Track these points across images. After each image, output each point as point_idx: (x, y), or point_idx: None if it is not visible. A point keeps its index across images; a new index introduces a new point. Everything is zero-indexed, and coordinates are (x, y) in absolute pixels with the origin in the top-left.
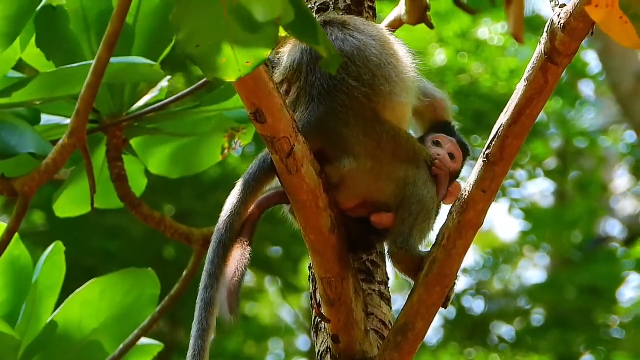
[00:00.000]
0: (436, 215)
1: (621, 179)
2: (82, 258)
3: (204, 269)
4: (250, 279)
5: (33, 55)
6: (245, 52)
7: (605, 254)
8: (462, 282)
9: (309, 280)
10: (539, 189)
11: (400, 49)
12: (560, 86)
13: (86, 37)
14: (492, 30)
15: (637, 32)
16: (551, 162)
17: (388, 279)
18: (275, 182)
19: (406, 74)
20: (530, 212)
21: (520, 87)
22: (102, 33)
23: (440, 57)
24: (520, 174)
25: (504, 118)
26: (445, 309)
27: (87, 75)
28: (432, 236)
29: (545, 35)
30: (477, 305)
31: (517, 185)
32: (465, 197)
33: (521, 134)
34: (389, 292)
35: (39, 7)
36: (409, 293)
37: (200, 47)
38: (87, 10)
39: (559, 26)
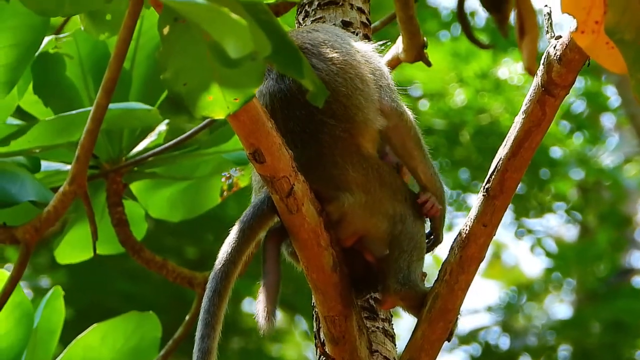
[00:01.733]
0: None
1: None
2: (104, 300)
3: (200, 317)
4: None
5: (31, 102)
6: (232, 89)
7: (630, 289)
8: (487, 319)
9: (313, 319)
10: (562, 222)
11: (360, 58)
12: (580, 121)
13: (83, 83)
14: (511, 70)
15: (623, 57)
16: (573, 194)
17: (391, 315)
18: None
19: (373, 92)
20: (553, 250)
21: (518, 120)
22: (99, 78)
23: (460, 97)
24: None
25: (502, 151)
26: (449, 342)
27: (86, 122)
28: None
29: (541, 67)
30: (502, 342)
31: (540, 215)
32: (467, 231)
33: (520, 167)
34: (393, 328)
35: (35, 55)
36: (413, 329)
37: (187, 85)
38: (84, 56)
39: (555, 58)
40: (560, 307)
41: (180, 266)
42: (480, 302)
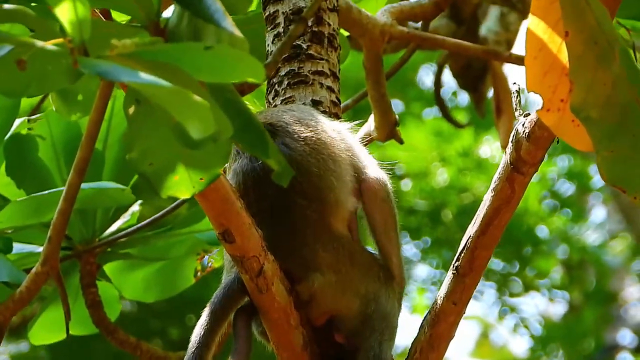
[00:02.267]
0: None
1: (631, 288)
2: None
3: None
4: None
5: (3, 184)
6: (198, 169)
7: None
8: None
9: None
10: (547, 300)
11: (335, 136)
12: (563, 200)
13: (56, 164)
14: (493, 148)
15: (589, 135)
16: (557, 272)
17: None
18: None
19: (345, 173)
20: (538, 329)
21: (487, 198)
22: (72, 160)
23: (442, 176)
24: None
25: (472, 229)
26: None
27: (58, 202)
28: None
29: (510, 144)
30: None
31: (523, 294)
32: (436, 309)
33: (490, 244)
34: None
35: (7, 136)
36: None
37: (153, 165)
38: (56, 137)
39: (524, 135)
40: None
41: (165, 349)
42: None
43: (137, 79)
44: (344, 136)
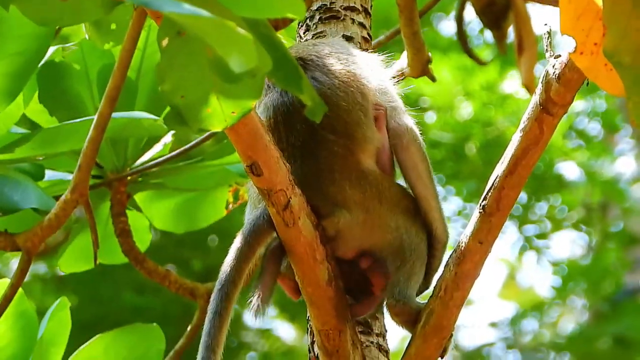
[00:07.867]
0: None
1: None
2: (110, 313)
3: (201, 340)
4: None
5: (36, 111)
6: (230, 102)
7: (635, 306)
8: (493, 335)
9: (307, 332)
10: (568, 240)
11: (362, 69)
12: (593, 143)
13: (89, 92)
14: (517, 83)
15: (622, 80)
16: (581, 211)
17: (386, 331)
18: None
19: (372, 107)
20: (561, 268)
21: (515, 138)
22: (105, 88)
23: (467, 110)
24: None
25: (500, 169)
26: (443, 358)
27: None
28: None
29: (540, 85)
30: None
31: (544, 236)
32: (462, 248)
33: (517, 184)
34: (387, 344)
35: (41, 63)
36: (406, 345)
37: (185, 97)
38: (90, 65)
39: (554, 77)
40: (570, 326)
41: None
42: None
43: (181, 10)
44: (376, 71)
